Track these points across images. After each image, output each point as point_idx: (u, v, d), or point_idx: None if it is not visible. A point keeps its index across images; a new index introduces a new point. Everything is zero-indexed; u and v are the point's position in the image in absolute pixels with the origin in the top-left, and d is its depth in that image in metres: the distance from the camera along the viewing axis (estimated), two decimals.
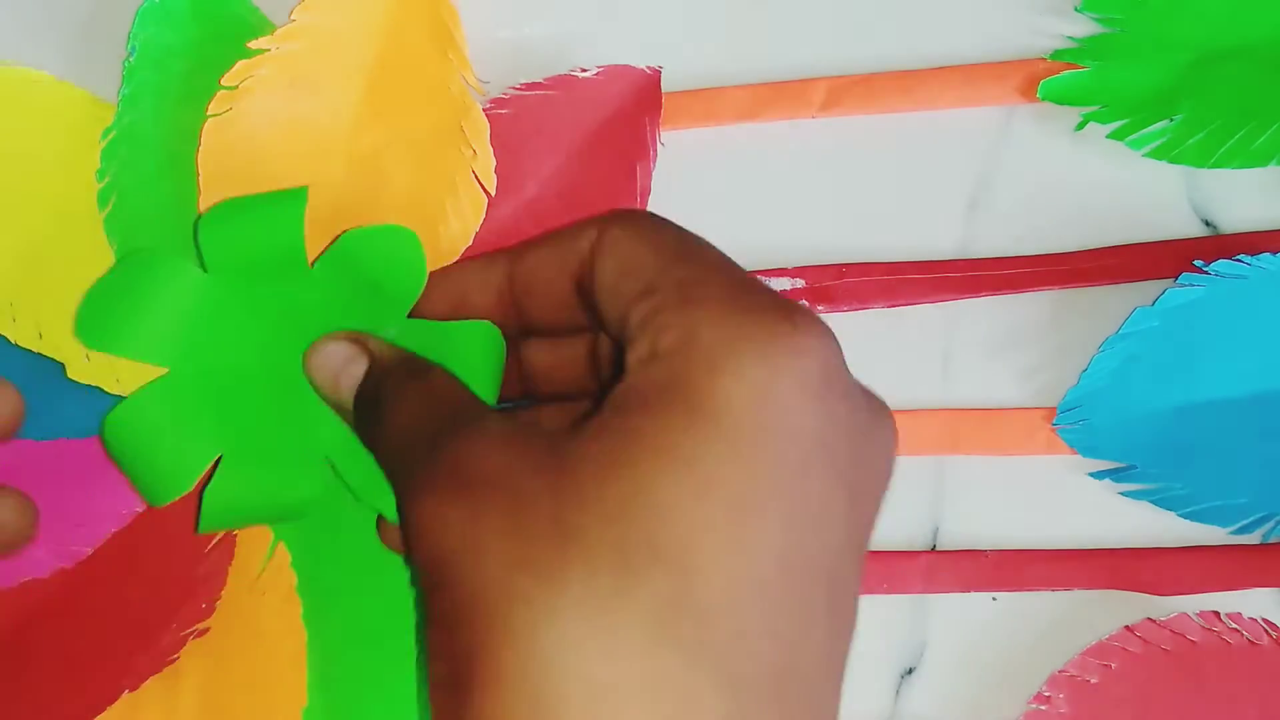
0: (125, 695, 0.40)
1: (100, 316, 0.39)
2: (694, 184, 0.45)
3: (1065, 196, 0.45)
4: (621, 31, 0.47)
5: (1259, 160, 0.43)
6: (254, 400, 0.40)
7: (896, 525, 0.44)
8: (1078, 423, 0.43)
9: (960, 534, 0.44)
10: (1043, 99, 0.45)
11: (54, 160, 0.43)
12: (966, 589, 0.43)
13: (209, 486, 0.38)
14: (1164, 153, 0.44)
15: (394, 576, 0.40)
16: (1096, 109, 0.45)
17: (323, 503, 0.39)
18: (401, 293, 0.39)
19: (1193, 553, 0.43)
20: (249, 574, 0.41)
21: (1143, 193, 0.45)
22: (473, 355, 0.38)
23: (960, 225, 0.45)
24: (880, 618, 0.43)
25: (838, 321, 0.42)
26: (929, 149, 0.46)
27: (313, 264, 0.40)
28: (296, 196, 0.39)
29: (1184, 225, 0.45)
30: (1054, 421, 0.43)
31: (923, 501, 0.44)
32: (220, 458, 0.39)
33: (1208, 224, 0.45)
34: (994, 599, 0.43)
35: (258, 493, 0.39)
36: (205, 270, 0.39)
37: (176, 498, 0.39)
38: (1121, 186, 0.45)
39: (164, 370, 0.39)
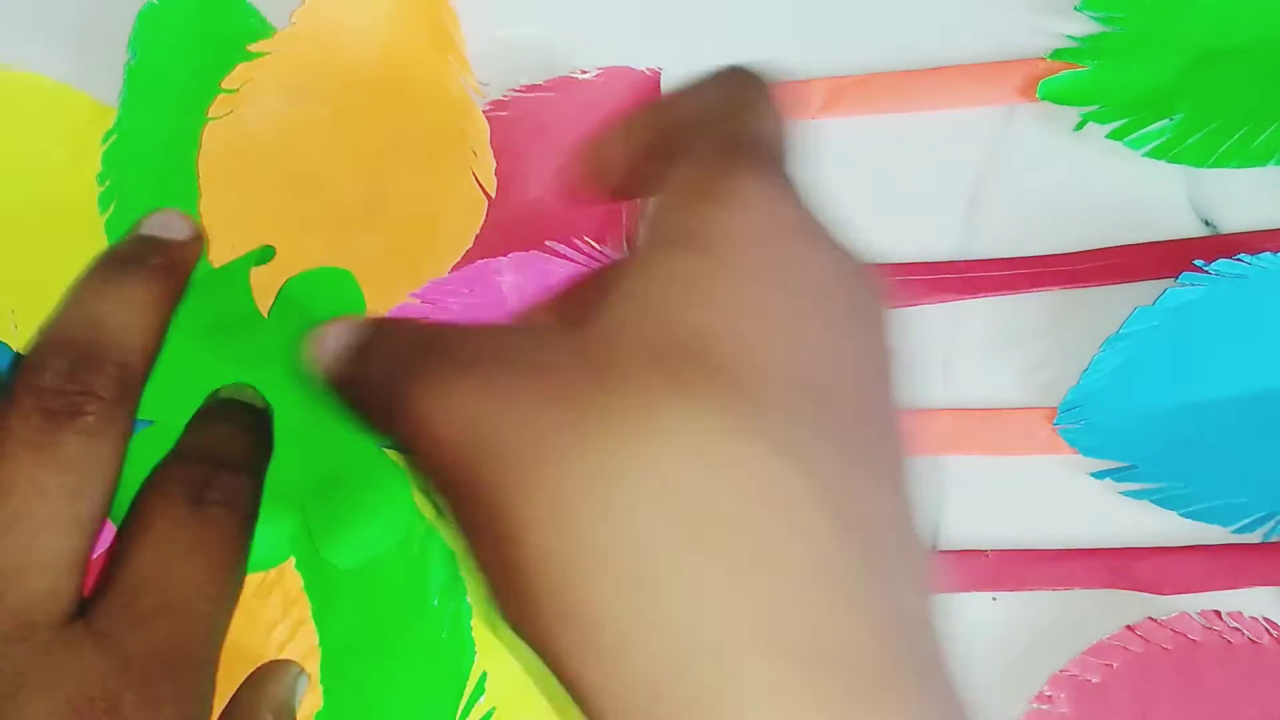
0: None
1: None
2: None
3: (1064, 196, 0.45)
4: (620, 33, 0.47)
5: (1259, 160, 0.43)
6: None
7: None
8: (1079, 422, 0.43)
9: (960, 534, 0.44)
10: (1042, 99, 0.45)
11: (55, 163, 0.43)
12: (967, 589, 0.43)
13: None
14: (1163, 152, 0.44)
15: (398, 576, 0.40)
16: (1096, 109, 0.45)
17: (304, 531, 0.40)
18: None
19: (1193, 551, 0.43)
20: (256, 576, 0.41)
21: (1143, 192, 0.45)
22: None
23: (960, 225, 0.45)
24: None
25: None
26: (929, 149, 0.46)
27: (267, 314, 0.40)
28: (243, 262, 0.41)
29: (1184, 225, 0.45)
30: (1055, 421, 0.43)
31: (922, 501, 0.44)
32: None
33: (1208, 224, 0.45)
34: (994, 599, 0.43)
35: None
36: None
37: None
38: (1121, 186, 0.45)
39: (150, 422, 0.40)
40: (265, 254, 0.40)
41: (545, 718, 0.40)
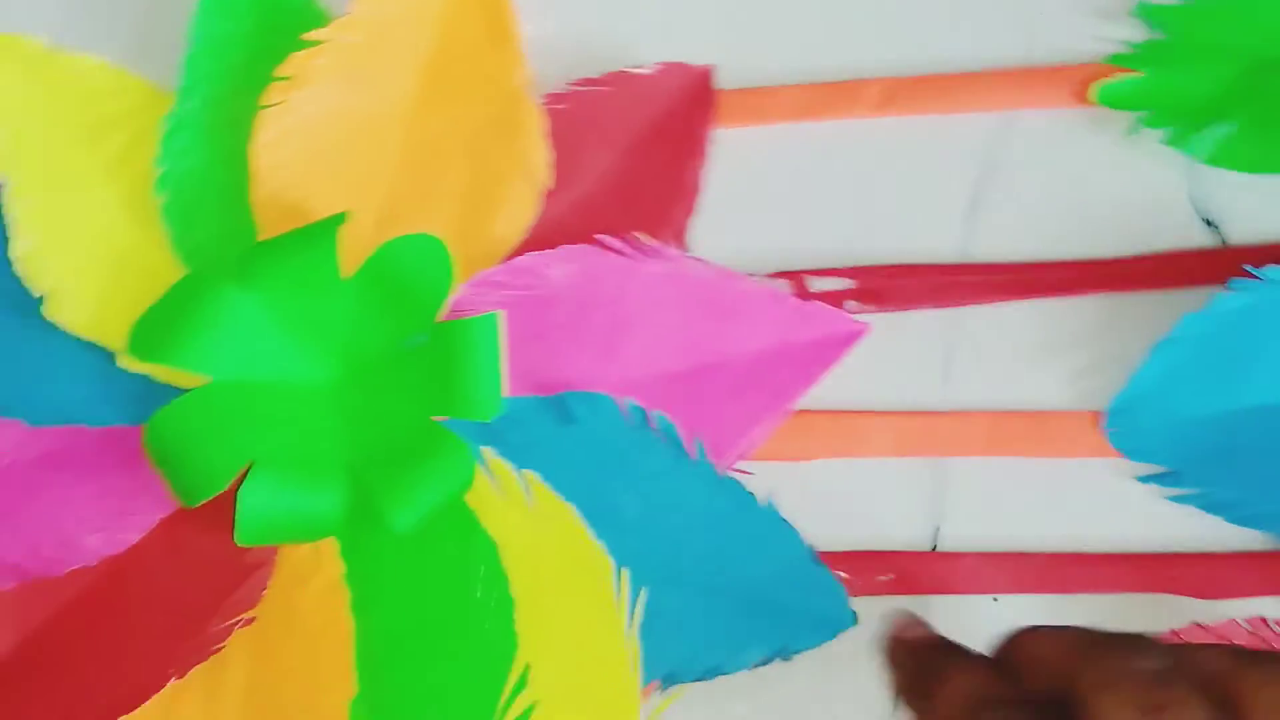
0: (171, 683, 0.40)
1: (148, 334, 0.39)
2: (745, 182, 0.45)
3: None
4: (676, 30, 0.47)
5: None
6: (287, 410, 0.40)
7: (939, 527, 0.43)
8: (1126, 426, 0.43)
9: (1006, 536, 0.43)
10: (1099, 103, 0.45)
11: (112, 147, 0.43)
12: (1012, 591, 0.43)
13: (241, 488, 0.39)
14: (1219, 158, 0.44)
15: (440, 566, 0.41)
16: (1151, 114, 0.45)
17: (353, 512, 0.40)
18: (431, 299, 0.40)
19: (1241, 558, 0.43)
20: (296, 563, 0.41)
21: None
22: (489, 345, 0.40)
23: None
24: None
25: (889, 321, 0.43)
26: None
27: (348, 278, 0.40)
28: (333, 222, 0.40)
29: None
30: (1102, 425, 0.43)
31: (964, 502, 0.44)
32: (251, 464, 0.39)
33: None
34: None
35: (288, 498, 0.39)
36: (246, 289, 0.40)
37: (207, 498, 0.39)
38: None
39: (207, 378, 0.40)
40: (341, 217, 0.40)
41: (587, 713, 0.40)
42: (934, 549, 0.43)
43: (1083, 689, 0.30)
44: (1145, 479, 0.43)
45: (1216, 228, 0.45)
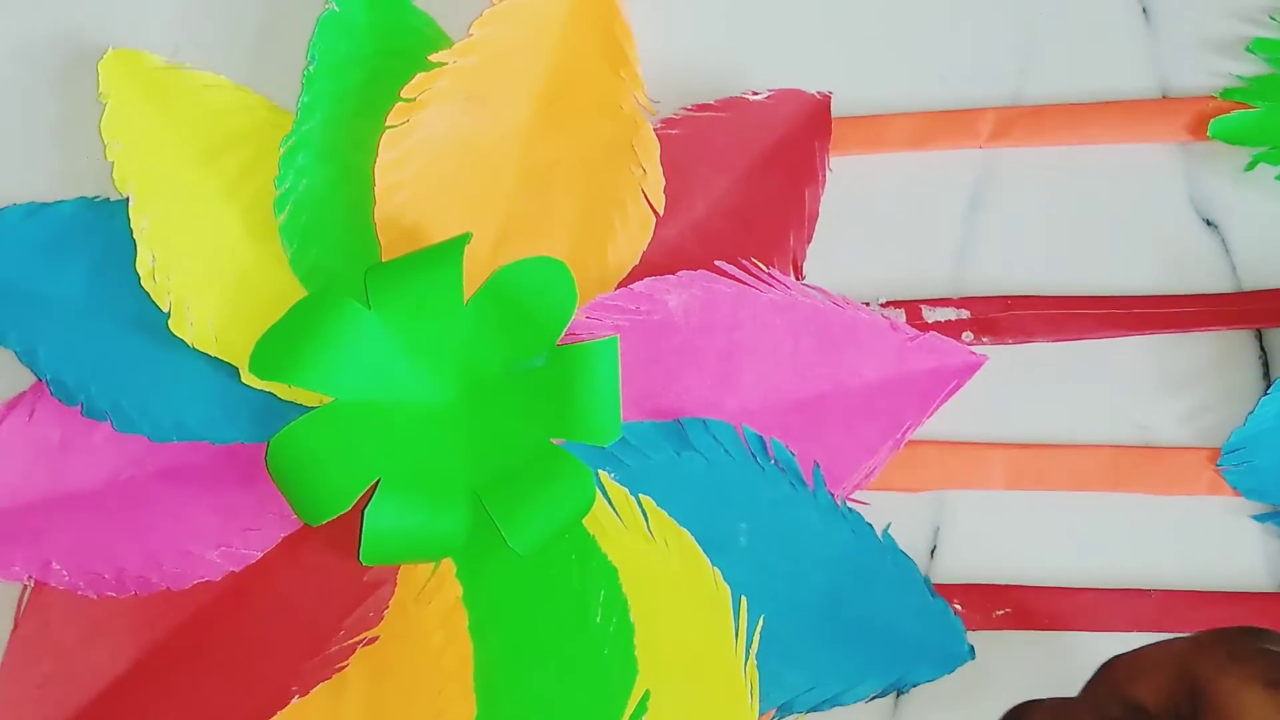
0: (294, 700, 0.40)
1: (270, 352, 0.40)
2: (860, 210, 0.45)
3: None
4: (791, 55, 0.47)
5: None
6: (410, 430, 0.41)
7: (1064, 558, 0.43)
8: (1242, 464, 0.43)
9: (1122, 573, 0.43)
10: (1213, 137, 0.45)
11: (229, 165, 0.43)
12: (1129, 629, 0.42)
13: (369, 508, 0.38)
14: None
15: (559, 590, 0.40)
16: (1266, 149, 0.45)
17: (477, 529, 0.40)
18: (551, 323, 0.40)
19: None
20: (416, 583, 0.41)
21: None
22: (608, 369, 0.40)
23: (1150, 258, 0.46)
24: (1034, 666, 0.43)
25: (1003, 353, 0.43)
26: (1107, 185, 0.46)
27: (468, 300, 0.40)
28: (457, 244, 0.40)
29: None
30: (1218, 462, 0.43)
31: (1078, 534, 0.44)
32: (378, 482, 0.39)
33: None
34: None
35: (413, 518, 0.39)
36: (370, 308, 0.40)
37: (331, 518, 0.39)
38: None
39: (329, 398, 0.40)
40: (465, 238, 0.40)
41: None
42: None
43: (1202, 680, 0.30)
44: (1260, 518, 0.43)
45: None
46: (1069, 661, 0.42)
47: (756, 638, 0.40)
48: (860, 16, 0.47)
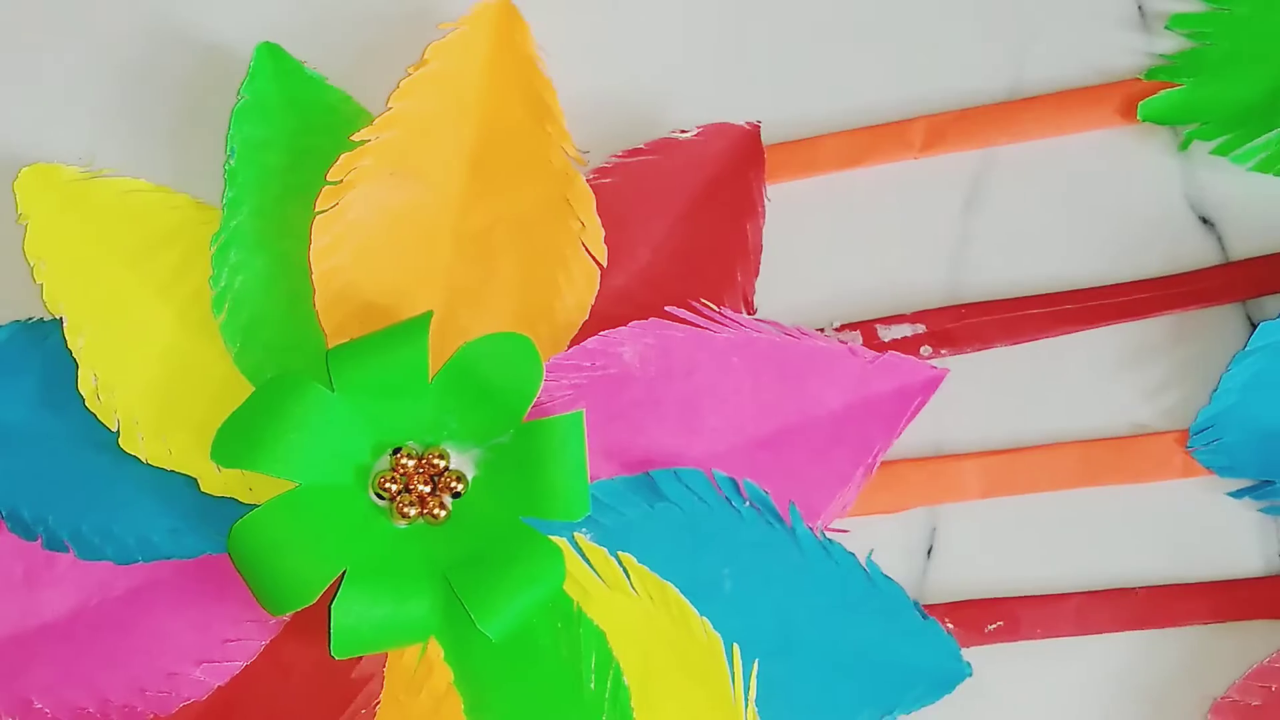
0: None
1: (232, 438, 0.39)
2: (803, 236, 0.45)
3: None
4: (711, 83, 0.47)
5: None
6: (375, 514, 0.40)
7: (1044, 565, 0.43)
8: (1212, 442, 0.43)
9: (1103, 571, 0.43)
10: (1143, 120, 0.45)
11: (158, 268, 0.43)
12: (1117, 629, 0.42)
13: (334, 603, 0.38)
14: (1269, 165, 0.44)
15: (549, 661, 0.40)
16: (1197, 127, 0.44)
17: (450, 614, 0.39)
18: (516, 400, 0.40)
19: None
20: (405, 672, 0.40)
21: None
22: (575, 443, 0.39)
23: (1094, 251, 0.45)
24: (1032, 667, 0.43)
25: (964, 364, 0.42)
26: (1041, 178, 0.46)
27: (432, 378, 0.39)
28: (420, 322, 0.40)
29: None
30: (1188, 444, 0.43)
31: (1073, 533, 0.44)
32: (345, 573, 0.38)
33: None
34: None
35: (381, 609, 0.39)
36: (334, 390, 0.39)
37: (297, 609, 0.39)
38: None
39: (293, 484, 0.39)
40: (428, 316, 0.40)
41: None
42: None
43: None
44: (1237, 494, 0.43)
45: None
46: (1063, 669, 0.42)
47: (754, 684, 0.40)
48: (783, 37, 0.47)
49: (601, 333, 0.42)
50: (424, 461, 0.40)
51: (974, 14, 0.47)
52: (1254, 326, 0.43)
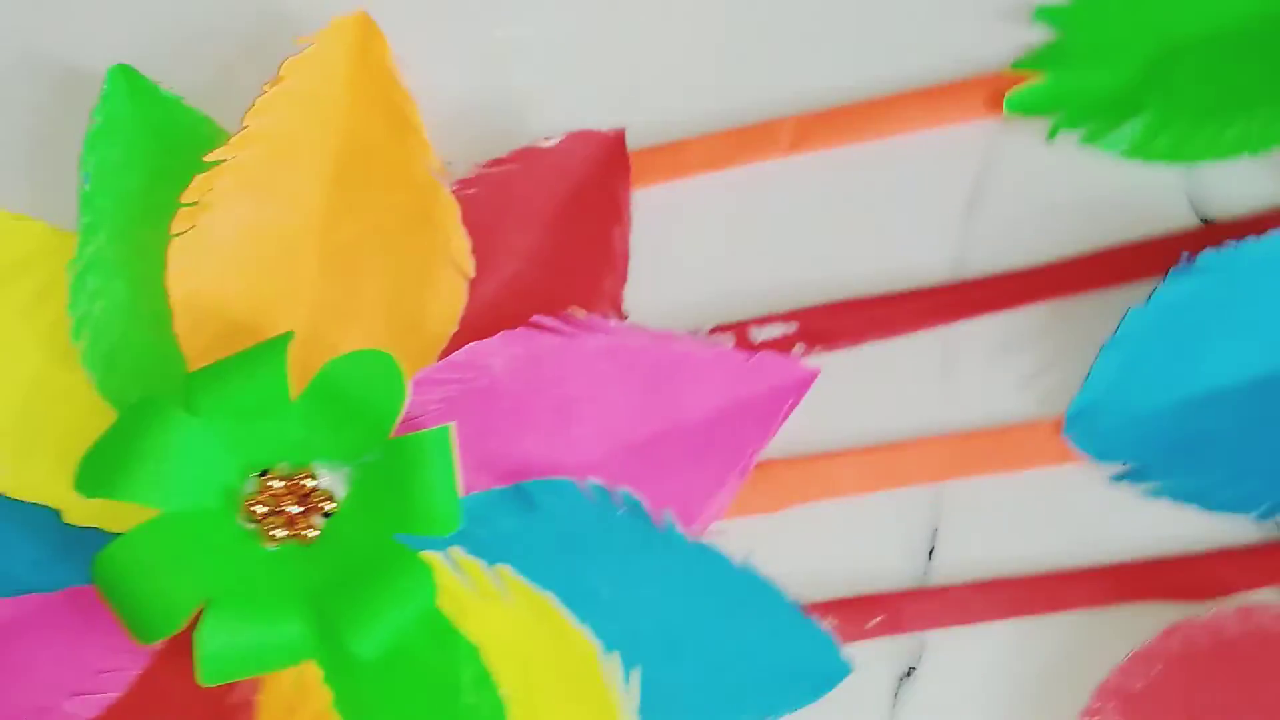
0: None
1: (95, 467, 0.38)
2: (672, 241, 0.45)
3: (1057, 201, 0.45)
4: (577, 87, 0.46)
5: (1235, 151, 0.43)
6: (241, 538, 0.40)
7: (903, 556, 0.43)
8: (1087, 430, 0.43)
9: (981, 561, 0.43)
10: (1009, 112, 0.45)
11: (16, 296, 0.42)
12: (997, 617, 0.42)
13: (198, 631, 0.37)
14: (1138, 151, 0.44)
15: (426, 678, 0.40)
16: (1063, 116, 0.45)
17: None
18: (382, 417, 0.39)
19: (1227, 554, 0.43)
20: (282, 696, 0.40)
21: (1139, 192, 0.45)
22: (444, 458, 0.39)
23: (954, 244, 0.45)
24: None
25: (835, 359, 0.42)
26: (911, 172, 0.45)
27: (295, 398, 0.39)
28: (279, 342, 0.39)
29: (1182, 223, 0.45)
30: (1064, 431, 0.43)
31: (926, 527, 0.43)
32: (207, 601, 0.38)
33: (1205, 221, 0.45)
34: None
35: (249, 634, 0.38)
36: (194, 415, 0.38)
37: (164, 638, 0.38)
38: (1117, 186, 0.45)
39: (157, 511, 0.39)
40: (288, 337, 0.39)
41: None
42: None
43: None
44: (1117, 478, 0.43)
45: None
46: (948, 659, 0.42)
47: (637, 689, 0.40)
48: (649, 42, 0.47)
49: (470, 344, 0.42)
50: (293, 482, 0.40)
51: (844, 11, 0.46)
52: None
